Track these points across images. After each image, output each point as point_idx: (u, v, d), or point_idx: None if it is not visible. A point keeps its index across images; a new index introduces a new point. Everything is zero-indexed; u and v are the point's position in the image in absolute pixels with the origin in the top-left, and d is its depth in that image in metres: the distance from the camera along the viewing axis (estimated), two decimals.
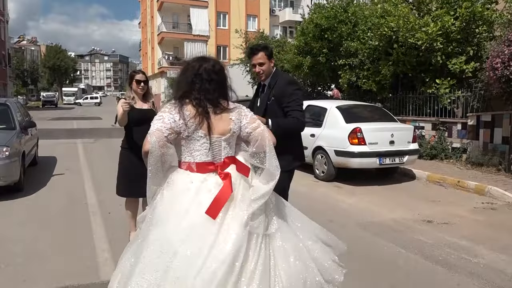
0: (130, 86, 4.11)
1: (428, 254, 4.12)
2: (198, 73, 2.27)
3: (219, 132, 2.24)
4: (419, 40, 9.56)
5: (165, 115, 2.19)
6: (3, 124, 7.14)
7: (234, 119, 2.29)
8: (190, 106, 2.22)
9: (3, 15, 44.14)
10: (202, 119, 2.20)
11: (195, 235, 2.06)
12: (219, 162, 2.25)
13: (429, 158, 9.54)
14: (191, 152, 2.24)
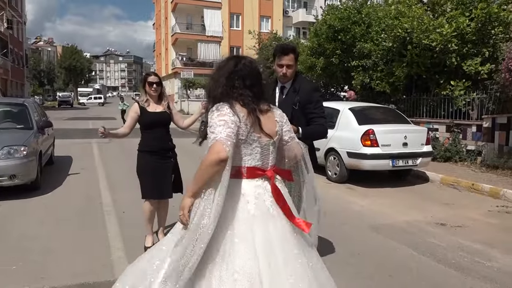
0: (144, 89, 4.12)
1: (440, 257, 4.10)
2: (235, 70, 2.11)
3: (268, 133, 2.10)
4: (433, 41, 9.48)
5: (227, 119, 1.95)
6: (21, 124, 7.29)
7: (279, 121, 2.18)
8: (239, 106, 2.04)
9: (20, 16, 44.95)
10: (255, 120, 2.04)
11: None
12: (268, 169, 2.12)
13: (443, 161, 9.45)
14: (241, 156, 2.05)
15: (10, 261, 3.85)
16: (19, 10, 44.40)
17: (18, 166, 6.05)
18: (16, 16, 41.84)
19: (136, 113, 4.04)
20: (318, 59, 14.00)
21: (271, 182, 2.10)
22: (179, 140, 4.88)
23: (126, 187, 6.39)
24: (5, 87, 34.23)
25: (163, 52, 48.38)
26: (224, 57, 2.26)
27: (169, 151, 4.10)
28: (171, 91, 43.24)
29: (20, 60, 44.16)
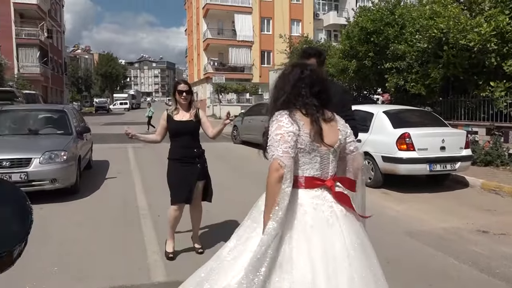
0: (174, 97, 4.14)
1: (483, 266, 3.93)
2: (301, 77, 2.07)
3: (329, 143, 2.04)
4: (471, 41, 9.17)
5: (283, 132, 1.92)
6: (61, 130, 7.57)
7: (342, 130, 2.12)
8: (300, 113, 2.01)
9: (60, 26, 46.84)
10: (316, 127, 1.99)
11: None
12: (327, 179, 2.07)
13: (484, 165, 9.10)
14: (300, 165, 2.01)
15: (51, 263, 3.98)
16: (58, 20, 46.28)
17: (59, 171, 6.27)
18: (55, 26, 43.63)
19: (164, 121, 4.11)
20: (350, 62, 13.84)
21: (332, 190, 2.05)
22: (211, 144, 4.92)
23: (161, 191, 6.47)
24: (45, 94, 35.68)
25: (195, 57, 49.11)
26: (286, 66, 2.22)
27: (195, 158, 4.10)
28: (203, 96, 43.81)
29: (59, 68, 45.97)
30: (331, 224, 1.97)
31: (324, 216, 1.98)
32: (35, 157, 6.15)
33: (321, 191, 2.05)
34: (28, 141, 7.00)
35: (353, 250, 1.95)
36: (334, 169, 2.13)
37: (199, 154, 4.15)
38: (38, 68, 35.76)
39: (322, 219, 1.97)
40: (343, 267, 1.89)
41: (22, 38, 35.40)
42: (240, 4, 39.79)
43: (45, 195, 6.29)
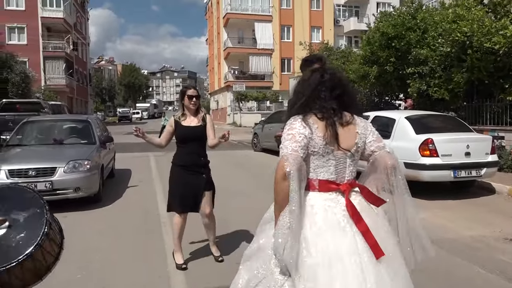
0: (182, 102, 4.07)
1: (511, 276, 3.79)
2: (322, 81, 2.06)
3: (345, 147, 2.01)
4: (496, 44, 8.95)
5: (295, 132, 1.95)
6: (85, 139, 7.74)
7: (360, 133, 2.07)
8: (315, 117, 2.00)
9: (85, 38, 48.14)
10: (331, 131, 1.97)
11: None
12: (343, 183, 2.03)
13: (511, 171, 8.82)
14: (314, 168, 2.01)
15: (75, 270, 4.04)
16: (83, 32, 47.59)
17: (82, 179, 6.39)
18: (80, 39, 44.88)
19: (171, 127, 4.05)
20: (371, 67, 13.68)
21: (346, 196, 2.00)
22: (231, 152, 4.91)
23: None
24: (71, 104, 36.62)
25: (216, 66, 49.61)
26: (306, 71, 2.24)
27: (201, 167, 4.03)
28: (224, 104, 44.14)
29: (84, 79, 47.19)
30: (342, 227, 1.92)
31: (336, 218, 1.93)
32: (60, 166, 6.29)
33: (336, 195, 2.01)
34: (53, 150, 7.17)
35: (368, 257, 1.87)
36: (353, 174, 2.08)
37: (205, 163, 4.07)
38: (64, 80, 36.81)
39: (333, 221, 1.92)
40: (351, 270, 1.83)
41: (49, 51, 36.56)
42: (260, 12, 40.11)
43: (69, 203, 6.42)
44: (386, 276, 1.89)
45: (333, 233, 1.90)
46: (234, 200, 6.77)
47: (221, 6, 42.73)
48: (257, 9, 40.14)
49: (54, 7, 36.26)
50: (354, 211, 1.95)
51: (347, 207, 1.97)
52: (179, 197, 3.98)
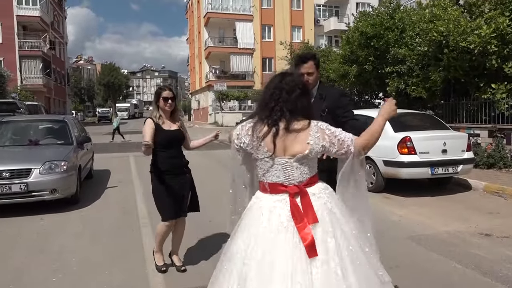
0: (157, 104, 3.82)
1: (486, 270, 3.87)
2: (279, 85, 2.18)
3: (290, 153, 2.09)
4: (471, 44, 9.15)
5: (240, 134, 2.19)
6: (62, 140, 7.57)
7: (312, 144, 2.09)
8: (263, 125, 2.12)
9: (62, 37, 47.23)
10: (273, 140, 2.08)
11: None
12: (291, 185, 2.12)
13: (486, 167, 9.03)
14: (263, 173, 2.16)
15: (51, 273, 3.96)
16: (61, 31, 46.68)
17: (59, 181, 6.25)
18: (58, 38, 44.00)
19: (152, 129, 3.71)
20: (351, 66, 13.83)
21: (290, 198, 2.09)
22: (213, 152, 4.88)
23: None
24: (48, 105, 35.89)
25: (197, 65, 49.34)
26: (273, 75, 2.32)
27: (183, 167, 3.90)
28: (205, 104, 43.95)
29: (62, 79, 46.28)
30: (285, 227, 2.04)
31: (280, 219, 2.06)
32: (35, 167, 6.14)
33: (285, 196, 2.11)
34: (28, 151, 7.00)
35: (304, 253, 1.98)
36: (304, 175, 2.14)
37: (187, 162, 3.95)
38: (41, 80, 36.03)
39: (276, 221, 2.06)
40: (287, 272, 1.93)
41: (25, 50, 35.72)
42: (241, 12, 40.05)
43: (45, 205, 6.29)
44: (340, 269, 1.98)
45: (276, 233, 2.03)
46: (219, 200, 6.72)
47: (202, 5, 42.50)
48: (237, 9, 40.07)
49: (30, 5, 35.44)
50: (296, 211, 2.05)
51: (291, 208, 2.07)
52: (172, 204, 3.78)
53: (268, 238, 2.03)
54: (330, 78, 16.33)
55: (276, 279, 1.93)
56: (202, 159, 10.85)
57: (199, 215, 4.24)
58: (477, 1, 10.09)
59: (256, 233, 2.07)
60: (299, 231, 2.02)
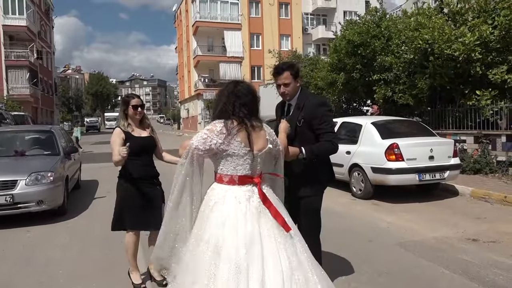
0: (125, 113, 3.73)
1: (474, 275, 3.91)
2: (234, 92, 2.52)
3: (258, 149, 2.50)
4: (456, 51, 9.31)
5: (208, 138, 2.43)
6: (48, 150, 7.49)
7: (269, 138, 2.57)
8: (234, 123, 2.44)
9: (50, 47, 46.86)
10: (247, 136, 2.45)
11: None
12: (255, 176, 2.53)
13: (473, 173, 9.14)
14: (234, 166, 2.48)
15: (37, 285, 3.90)
16: (48, 41, 46.33)
17: (45, 192, 6.16)
18: (45, 47, 43.65)
19: (122, 139, 3.62)
20: (338, 74, 13.94)
21: (258, 187, 2.51)
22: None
23: None
24: (35, 115, 35.49)
25: (186, 74, 49.31)
26: (225, 84, 2.67)
27: (154, 178, 3.80)
28: (194, 112, 43.86)
29: (49, 88, 45.85)
30: (260, 211, 2.45)
31: (254, 205, 2.46)
32: (21, 178, 6.05)
33: (252, 186, 2.52)
34: (14, 162, 6.90)
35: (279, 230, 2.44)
36: (262, 168, 2.60)
37: (157, 173, 3.85)
38: (28, 90, 35.64)
39: (253, 207, 2.45)
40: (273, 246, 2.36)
41: (11, 60, 35.37)
42: (230, 20, 40.22)
43: (32, 217, 6.20)
44: (298, 244, 2.49)
45: (255, 217, 2.41)
46: None
47: (190, 14, 42.61)
48: (226, 17, 40.24)
49: (16, 15, 35.11)
50: (265, 198, 2.50)
51: (259, 195, 2.49)
52: (137, 212, 3.65)
53: (249, 221, 2.38)
54: (318, 86, 16.44)
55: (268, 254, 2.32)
56: None
57: None
58: (460, 10, 10.29)
59: (237, 218, 2.39)
60: (271, 213, 2.46)
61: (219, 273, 2.26)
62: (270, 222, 2.43)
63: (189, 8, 43.65)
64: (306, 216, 3.20)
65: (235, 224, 2.36)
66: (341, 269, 4.11)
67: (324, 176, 3.29)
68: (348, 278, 3.90)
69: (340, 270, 4.08)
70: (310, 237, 3.11)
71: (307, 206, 3.19)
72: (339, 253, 4.57)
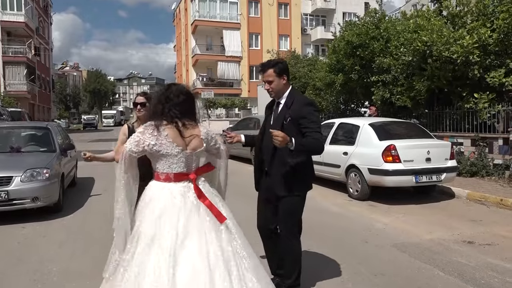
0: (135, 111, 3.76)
1: (469, 277, 3.91)
2: (165, 94, 2.68)
3: (191, 148, 2.64)
4: (454, 54, 9.32)
5: (141, 139, 2.58)
6: (45, 147, 7.45)
7: (204, 138, 2.69)
8: (165, 124, 2.59)
9: (47, 43, 46.70)
10: (179, 135, 2.59)
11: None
12: (191, 173, 2.67)
13: (469, 176, 9.16)
14: (169, 165, 2.62)
15: (31, 283, 3.88)
16: (46, 37, 46.16)
17: (41, 188, 6.14)
18: (43, 44, 43.49)
19: (125, 135, 3.61)
20: (337, 75, 13.94)
21: (193, 183, 2.64)
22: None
23: None
24: (32, 111, 35.37)
25: (184, 73, 49.24)
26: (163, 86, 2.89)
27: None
28: None
29: (47, 85, 45.71)
30: (195, 205, 2.58)
31: (190, 200, 2.59)
32: (16, 175, 6.02)
33: (188, 183, 2.65)
34: (9, 159, 6.86)
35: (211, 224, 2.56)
36: (198, 165, 2.74)
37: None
38: (25, 86, 35.49)
39: (188, 202, 2.58)
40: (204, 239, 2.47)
41: (9, 56, 35.19)
42: (229, 20, 40.19)
43: (27, 214, 6.17)
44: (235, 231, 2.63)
45: (189, 211, 2.54)
46: None
47: (189, 13, 42.55)
48: (225, 17, 40.21)
49: (14, 11, 34.96)
50: (200, 193, 2.63)
51: (195, 190, 2.62)
52: None
53: (183, 215, 2.51)
54: (316, 86, 16.45)
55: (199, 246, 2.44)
56: None
57: None
58: (459, 12, 10.30)
59: (171, 212, 2.52)
60: (206, 206, 2.59)
61: (150, 263, 2.40)
62: (204, 216, 2.57)
63: (188, 7, 43.59)
64: (282, 216, 3.30)
65: (170, 217, 2.49)
66: (337, 269, 4.11)
67: (305, 178, 3.35)
68: (343, 279, 3.89)
69: (335, 270, 4.08)
70: (285, 236, 3.33)
71: (284, 206, 3.27)
72: (335, 253, 4.56)
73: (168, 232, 2.45)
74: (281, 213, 3.29)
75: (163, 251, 2.40)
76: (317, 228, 5.48)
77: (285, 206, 3.27)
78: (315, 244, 4.76)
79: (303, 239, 3.50)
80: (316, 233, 5.21)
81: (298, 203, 3.31)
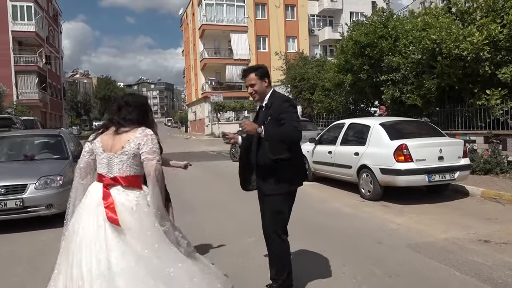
0: None
1: (486, 277, 3.85)
2: (115, 102, 2.99)
3: (112, 150, 2.77)
4: (464, 51, 9.22)
5: (84, 147, 2.97)
6: (58, 154, 7.52)
7: (132, 142, 2.75)
8: (104, 130, 2.87)
9: (58, 52, 47.34)
10: (110, 139, 2.79)
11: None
12: (111, 176, 2.77)
13: (483, 173, 9.04)
14: (98, 165, 2.85)
15: None
16: (57, 46, 46.80)
17: (55, 196, 6.19)
18: (53, 52, 44.10)
19: None
20: (346, 75, 13.88)
21: (103, 185, 2.76)
22: (212, 163, 4.85)
23: None
24: (44, 119, 35.83)
25: (193, 77, 49.48)
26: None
27: None
28: (202, 115, 43.98)
29: (58, 93, 46.30)
30: (97, 206, 2.70)
31: (94, 200, 2.74)
32: (31, 183, 6.09)
33: (100, 187, 2.79)
34: (23, 167, 6.95)
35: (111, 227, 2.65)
36: (123, 170, 2.77)
37: None
38: (36, 94, 36.03)
39: (92, 203, 2.74)
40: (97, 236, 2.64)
41: (20, 65, 35.77)
42: (236, 23, 40.30)
43: (44, 222, 6.21)
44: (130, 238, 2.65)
45: (90, 212, 2.71)
46: (214, 210, 6.71)
47: (197, 18, 42.78)
48: (232, 20, 40.33)
49: (25, 21, 35.54)
50: (106, 195, 2.72)
51: (102, 191, 2.74)
52: None
53: (86, 212, 2.72)
54: (325, 87, 16.40)
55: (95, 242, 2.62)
56: (196, 170, 10.82)
57: (194, 226, 4.21)
58: (468, 9, 10.20)
59: (82, 209, 2.77)
60: (105, 209, 2.67)
61: (63, 255, 2.78)
62: (103, 216, 2.69)
63: (195, 12, 43.84)
64: (267, 213, 3.39)
65: (80, 213, 2.76)
66: (351, 271, 4.08)
67: (292, 177, 3.37)
68: (358, 280, 3.86)
69: (349, 272, 4.05)
70: (268, 234, 3.41)
71: (269, 203, 3.36)
72: (348, 255, 4.54)
73: (76, 230, 2.73)
74: (266, 211, 3.40)
75: (68, 251, 2.72)
76: (330, 229, 5.45)
77: (268, 204, 3.36)
78: (328, 246, 4.73)
79: (316, 241, 3.50)
80: (329, 235, 5.18)
81: (281, 202, 3.34)
